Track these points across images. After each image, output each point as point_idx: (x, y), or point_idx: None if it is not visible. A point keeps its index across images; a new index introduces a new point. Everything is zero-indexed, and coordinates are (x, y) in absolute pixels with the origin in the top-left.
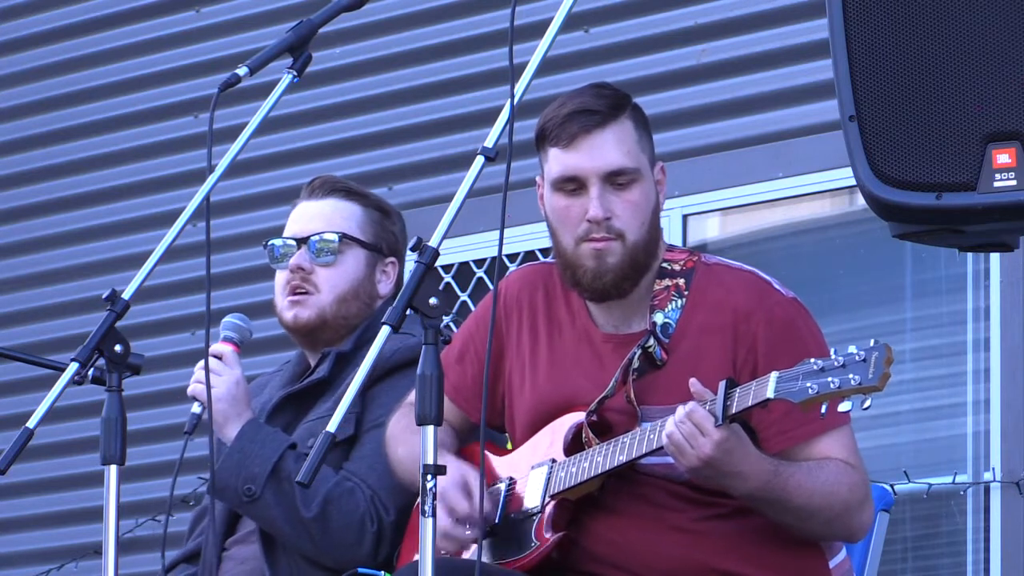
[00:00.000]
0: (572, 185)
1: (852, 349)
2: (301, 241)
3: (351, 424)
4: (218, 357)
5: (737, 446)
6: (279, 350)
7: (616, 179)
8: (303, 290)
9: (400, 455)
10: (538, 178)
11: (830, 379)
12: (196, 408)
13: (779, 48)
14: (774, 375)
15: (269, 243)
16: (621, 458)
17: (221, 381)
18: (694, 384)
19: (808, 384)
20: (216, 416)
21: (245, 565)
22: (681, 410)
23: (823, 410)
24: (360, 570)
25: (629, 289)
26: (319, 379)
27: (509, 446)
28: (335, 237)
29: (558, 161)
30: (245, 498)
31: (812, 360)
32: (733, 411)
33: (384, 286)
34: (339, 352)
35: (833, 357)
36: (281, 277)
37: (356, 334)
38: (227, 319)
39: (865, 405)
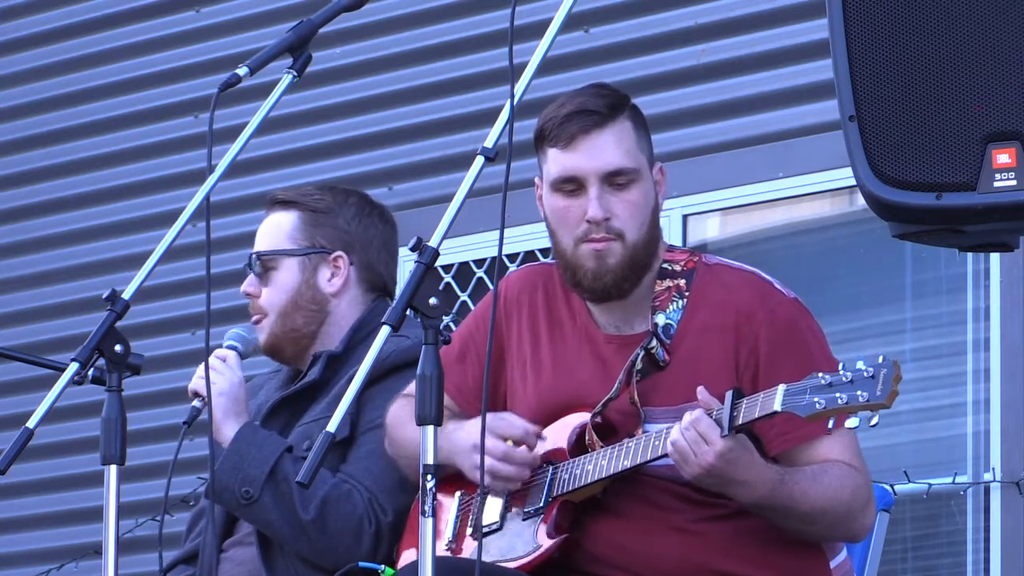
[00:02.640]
0: (571, 186)
1: (860, 365)
2: (248, 266)
3: (346, 426)
4: (221, 359)
5: (741, 456)
6: None
7: (615, 179)
8: (258, 314)
9: (407, 435)
10: (537, 179)
11: (838, 395)
12: (196, 402)
13: (779, 48)
14: (781, 388)
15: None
16: (625, 463)
17: (224, 379)
18: (701, 393)
19: (816, 399)
20: (216, 411)
21: (243, 567)
22: (687, 418)
23: (830, 425)
24: (360, 564)
25: (629, 290)
26: (311, 382)
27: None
28: (256, 258)
29: (557, 162)
30: (243, 500)
31: (820, 374)
32: (739, 422)
33: (335, 282)
34: (330, 354)
35: (841, 372)
36: None
37: (347, 335)
38: (232, 331)
39: (872, 422)
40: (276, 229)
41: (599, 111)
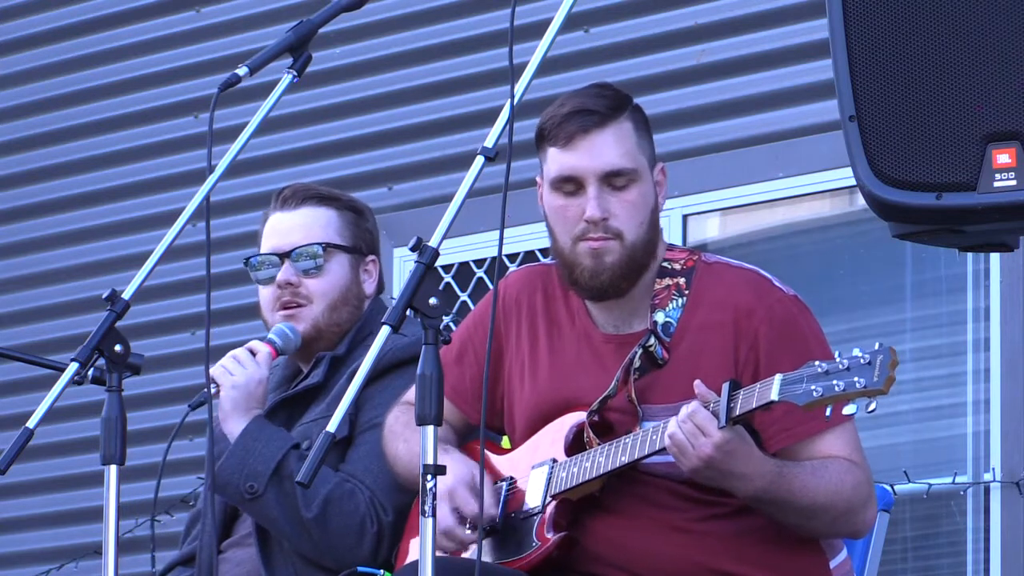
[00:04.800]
0: (570, 186)
1: (856, 352)
2: (283, 255)
3: (345, 425)
4: (253, 352)
5: (739, 447)
6: None
7: (614, 180)
8: (295, 303)
9: (399, 451)
10: (538, 178)
11: (835, 382)
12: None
13: (779, 48)
14: (778, 377)
15: (250, 260)
16: (623, 459)
17: (244, 373)
18: (698, 386)
19: (812, 387)
20: (225, 403)
21: (241, 567)
22: (684, 410)
23: (828, 413)
24: (360, 569)
25: (626, 289)
26: (314, 384)
27: (505, 444)
28: (319, 247)
29: (556, 161)
30: (247, 496)
31: (816, 363)
32: (737, 413)
33: (369, 285)
34: (333, 356)
35: (837, 360)
36: (267, 293)
37: (349, 337)
38: (280, 325)
39: (870, 408)
40: (324, 223)
41: (599, 111)
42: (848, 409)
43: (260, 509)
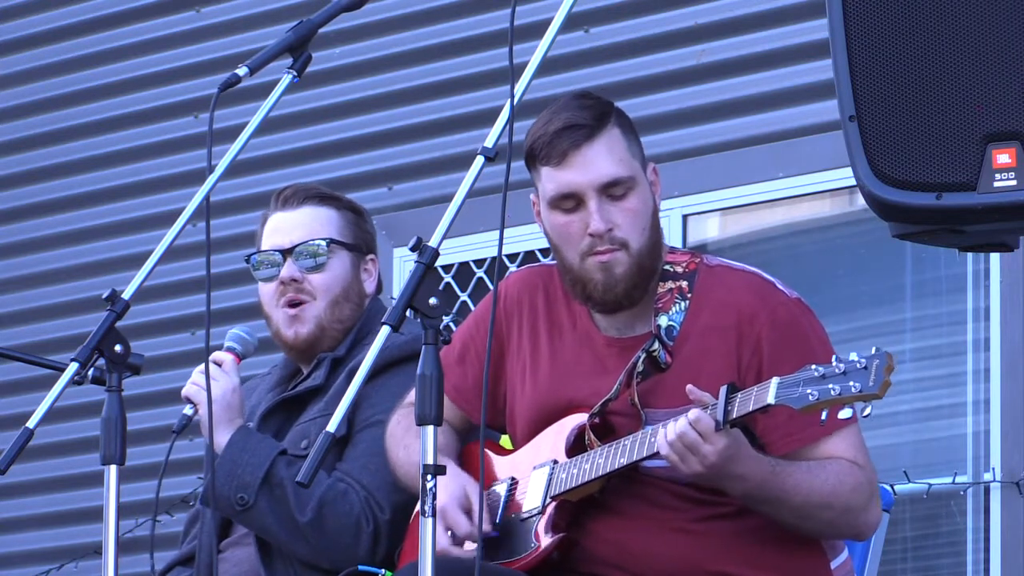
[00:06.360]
0: (570, 203)
1: (853, 356)
2: (286, 252)
3: (343, 424)
4: (218, 364)
5: (738, 451)
6: (277, 350)
7: (612, 190)
8: (298, 301)
9: (399, 458)
10: (532, 196)
11: (831, 386)
12: (188, 410)
13: (779, 48)
14: (775, 381)
15: (252, 257)
16: (622, 460)
17: (217, 386)
18: (692, 391)
19: (809, 390)
20: (205, 419)
21: (240, 567)
22: (683, 419)
23: (823, 417)
24: (360, 567)
25: (640, 296)
26: (315, 387)
27: (503, 443)
28: (323, 243)
29: (552, 180)
30: (239, 507)
31: (813, 366)
32: (734, 416)
33: (369, 284)
34: (334, 358)
35: (834, 364)
36: (268, 289)
37: (350, 338)
38: (233, 331)
39: (865, 412)
40: (325, 221)
41: (587, 124)
42: (844, 413)
43: (253, 519)
